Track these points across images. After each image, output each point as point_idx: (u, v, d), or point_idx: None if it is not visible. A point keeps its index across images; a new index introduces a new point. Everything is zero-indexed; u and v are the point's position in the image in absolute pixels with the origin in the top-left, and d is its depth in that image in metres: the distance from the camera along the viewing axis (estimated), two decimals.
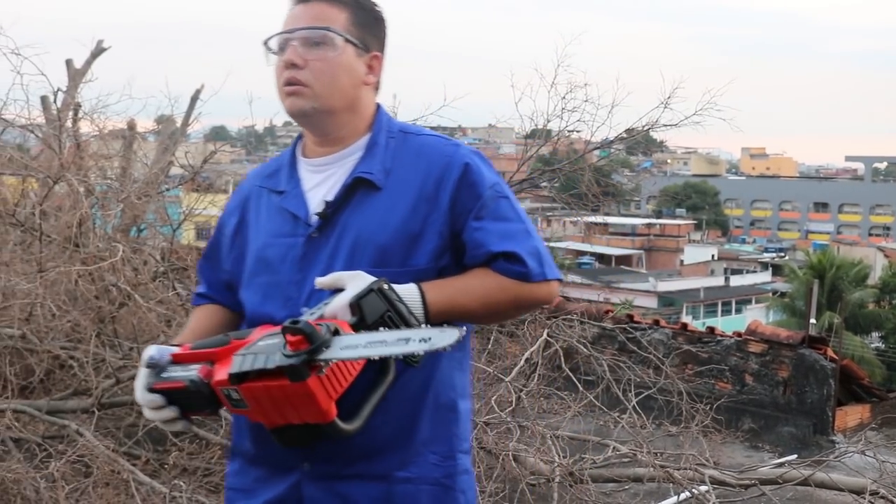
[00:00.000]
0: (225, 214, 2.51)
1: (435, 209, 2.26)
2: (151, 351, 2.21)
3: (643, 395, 6.59)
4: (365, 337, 2.07)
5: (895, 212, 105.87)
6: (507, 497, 5.43)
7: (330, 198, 2.29)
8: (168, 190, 9.00)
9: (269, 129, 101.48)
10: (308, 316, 2.13)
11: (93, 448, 5.43)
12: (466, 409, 2.44)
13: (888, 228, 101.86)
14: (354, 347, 2.04)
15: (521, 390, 6.05)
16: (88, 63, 9.22)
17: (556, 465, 5.64)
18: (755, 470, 6.36)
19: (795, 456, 8.24)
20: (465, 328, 2.09)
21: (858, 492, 5.65)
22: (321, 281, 2.17)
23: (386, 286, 2.13)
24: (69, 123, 8.56)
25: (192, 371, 2.14)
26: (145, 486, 5.21)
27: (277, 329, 2.08)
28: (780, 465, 7.31)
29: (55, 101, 8.66)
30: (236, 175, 11.73)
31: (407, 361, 2.11)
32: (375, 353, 2.04)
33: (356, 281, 2.12)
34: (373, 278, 2.12)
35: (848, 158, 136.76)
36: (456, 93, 8.60)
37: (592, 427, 6.94)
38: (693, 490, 5.72)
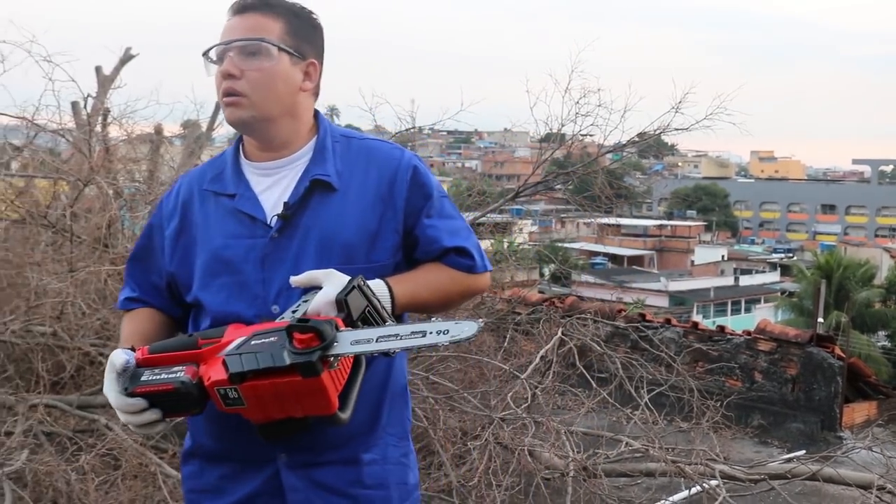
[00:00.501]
0: (159, 217, 2.47)
1: (390, 208, 2.34)
2: (123, 356, 2.17)
3: (655, 392, 6.58)
4: (375, 332, 2.11)
5: None
6: (522, 491, 5.43)
7: (288, 199, 2.31)
8: None
9: None
10: (290, 313, 2.16)
11: (121, 442, 5.45)
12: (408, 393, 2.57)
13: (894, 230, 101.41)
14: (367, 342, 2.08)
15: (537, 387, 6.05)
16: (117, 69, 9.25)
17: (570, 459, 5.63)
18: (764, 465, 6.34)
19: (804, 451, 8.21)
20: (482, 320, 2.14)
21: (865, 487, 5.63)
22: (297, 279, 2.20)
23: (363, 283, 2.17)
24: (98, 128, 8.60)
25: (179, 372, 2.11)
26: (172, 478, 5.22)
27: (268, 327, 2.11)
28: (789, 460, 7.29)
29: (85, 107, 8.68)
30: None
31: (385, 353, 2.13)
32: (390, 346, 2.09)
33: (332, 278, 2.17)
34: (347, 276, 2.17)
35: (855, 161, 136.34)
36: (473, 97, 8.59)
37: (605, 423, 6.93)
38: (704, 485, 5.71)
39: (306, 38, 2.37)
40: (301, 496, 2.28)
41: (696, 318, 32.42)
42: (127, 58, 9.35)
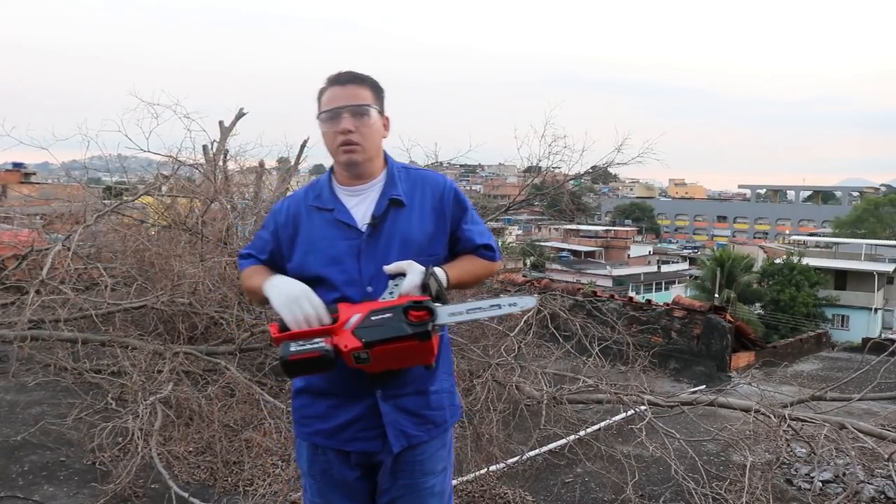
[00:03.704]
0: (279, 226, 2.45)
1: (440, 217, 2.39)
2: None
3: (603, 346, 6.53)
4: (464, 305, 2.19)
5: (771, 222, 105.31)
6: (511, 414, 5.41)
7: (374, 212, 2.34)
8: None
9: None
10: (388, 295, 2.18)
11: (235, 378, 5.45)
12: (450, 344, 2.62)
13: (766, 233, 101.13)
14: (459, 314, 2.16)
15: (521, 341, 6.01)
16: (233, 123, 9.27)
17: (544, 392, 5.60)
18: (678, 396, 6.29)
19: (704, 386, 8.17)
20: (537, 295, 2.19)
21: (746, 410, 5.60)
22: (388, 268, 2.22)
23: (433, 271, 2.21)
24: (220, 163, 8.63)
25: (320, 342, 2.10)
26: (270, 403, 5.22)
27: (379, 305, 2.13)
28: (695, 392, 7.24)
29: (212, 148, 8.72)
30: None
31: (473, 321, 2.19)
32: (475, 316, 2.19)
33: (413, 267, 2.20)
34: (421, 266, 2.21)
35: (740, 186, 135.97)
36: (477, 141, 8.60)
37: (569, 366, 6.90)
38: (636, 409, 5.67)
39: (382, 99, 2.40)
40: (391, 417, 2.32)
41: (632, 294, 32.34)
42: (240, 115, 9.37)
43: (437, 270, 2.25)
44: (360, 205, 2.37)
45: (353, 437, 2.34)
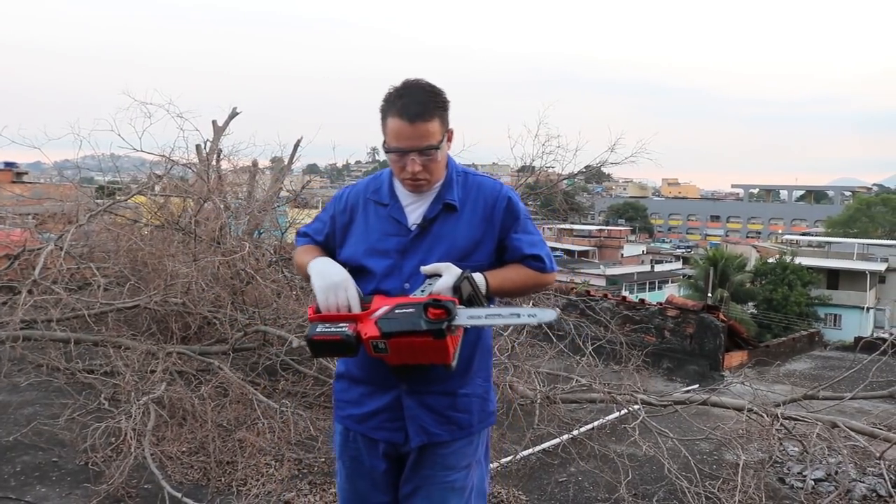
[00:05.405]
0: (336, 212, 2.51)
1: (490, 225, 2.39)
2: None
3: (596, 345, 6.54)
4: (484, 310, 2.20)
5: (764, 222, 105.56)
6: (505, 413, 5.41)
7: (428, 215, 2.37)
8: (278, 206, 9.02)
9: (346, 165, 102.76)
10: (419, 292, 2.22)
11: (229, 378, 5.44)
12: (492, 350, 2.62)
13: (759, 233, 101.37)
14: (478, 318, 2.18)
15: (515, 341, 6.02)
16: (227, 122, 9.25)
17: (537, 391, 5.61)
18: (671, 395, 6.31)
19: (697, 385, 8.19)
20: (558, 309, 2.18)
21: (738, 409, 5.62)
22: (425, 268, 2.25)
23: (470, 275, 2.23)
24: (214, 162, 8.61)
25: (344, 328, 2.18)
26: (263, 403, 5.22)
27: (406, 300, 2.19)
28: (688, 391, 7.27)
29: (205, 147, 8.70)
30: (325, 196, 11.75)
31: (477, 327, 2.25)
32: (494, 322, 2.21)
33: (450, 270, 2.22)
34: (459, 269, 2.22)
35: (733, 186, 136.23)
36: (471, 140, 8.61)
37: (562, 366, 6.91)
38: (629, 408, 5.68)
39: (447, 115, 2.34)
40: (413, 412, 2.37)
41: (625, 293, 32.38)
42: (233, 114, 9.34)
43: (476, 275, 2.27)
44: (415, 205, 2.40)
45: (379, 426, 2.41)
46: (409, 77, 2.30)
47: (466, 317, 2.16)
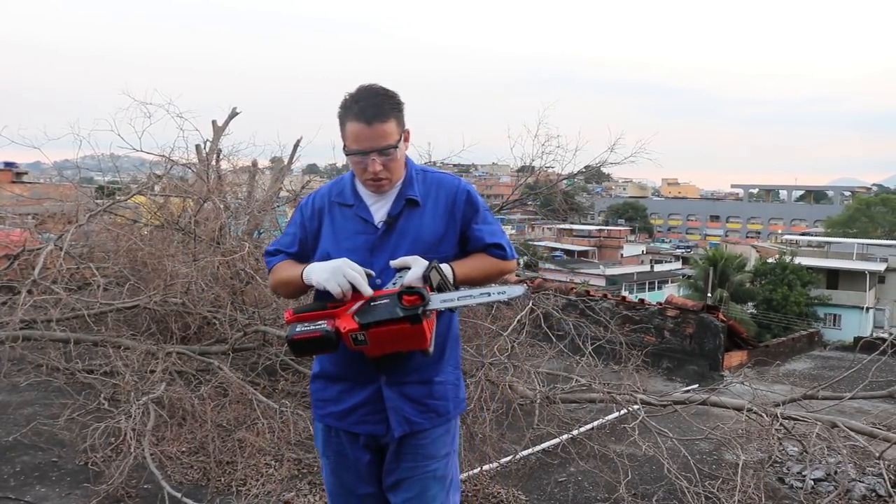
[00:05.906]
0: (306, 218, 2.58)
1: (452, 218, 2.49)
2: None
3: (596, 345, 6.53)
4: (456, 294, 2.30)
5: (763, 222, 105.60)
6: (504, 413, 5.41)
7: (392, 212, 2.45)
8: (278, 207, 9.02)
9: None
10: (391, 285, 2.30)
11: (228, 378, 5.44)
12: (460, 339, 2.74)
13: (758, 233, 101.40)
14: (451, 300, 2.26)
15: (514, 341, 6.01)
16: (226, 122, 9.25)
17: (537, 391, 5.61)
18: (671, 395, 6.31)
19: (697, 385, 8.19)
20: (526, 285, 2.23)
21: (738, 409, 5.62)
22: (394, 262, 2.35)
23: (437, 265, 2.32)
24: (213, 162, 8.61)
25: (322, 324, 2.23)
26: (263, 403, 5.22)
27: (380, 293, 2.26)
28: (687, 391, 7.26)
29: (205, 148, 8.70)
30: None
31: (451, 309, 2.31)
32: (466, 303, 2.30)
33: (417, 262, 2.31)
34: (425, 261, 2.31)
35: (733, 186, 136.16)
36: (471, 140, 8.59)
37: (562, 366, 6.91)
38: (629, 408, 5.68)
39: (402, 116, 2.42)
40: (394, 403, 2.44)
41: (625, 293, 32.38)
42: (233, 114, 9.34)
43: (443, 265, 2.36)
44: (378, 203, 2.48)
45: (360, 420, 2.48)
46: (363, 83, 2.40)
47: (440, 300, 2.25)
